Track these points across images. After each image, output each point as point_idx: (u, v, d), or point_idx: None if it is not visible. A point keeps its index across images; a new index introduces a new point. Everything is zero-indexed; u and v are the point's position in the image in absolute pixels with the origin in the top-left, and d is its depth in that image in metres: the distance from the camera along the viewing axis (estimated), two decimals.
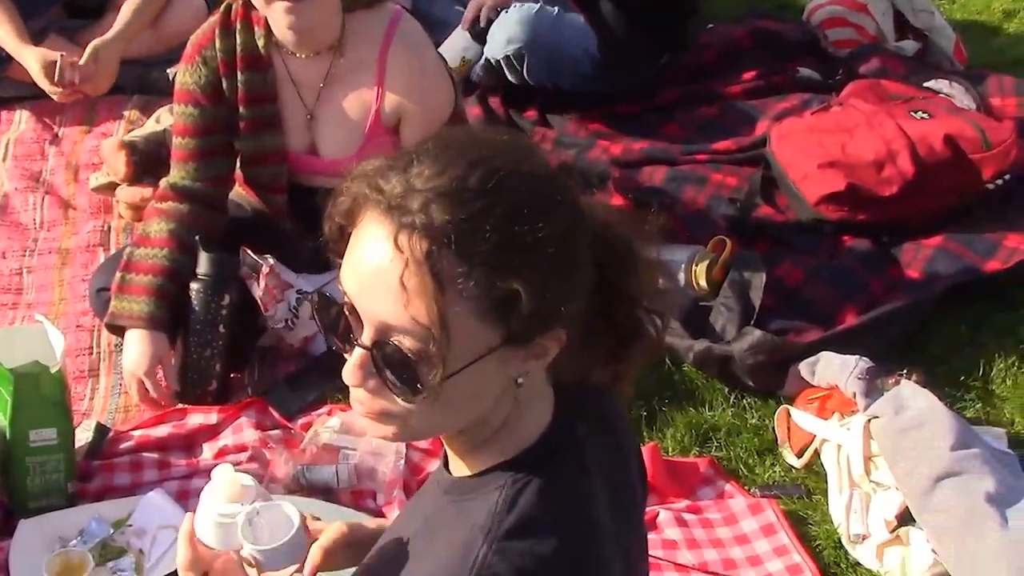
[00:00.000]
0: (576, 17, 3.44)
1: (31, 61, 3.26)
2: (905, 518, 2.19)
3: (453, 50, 3.46)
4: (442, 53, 2.72)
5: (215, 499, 1.32)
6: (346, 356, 1.06)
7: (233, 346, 2.48)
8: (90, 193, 3.21)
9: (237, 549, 1.29)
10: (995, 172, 2.92)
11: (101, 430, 2.41)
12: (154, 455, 2.37)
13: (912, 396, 2.30)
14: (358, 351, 1.04)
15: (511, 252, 1.00)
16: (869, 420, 2.30)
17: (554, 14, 3.41)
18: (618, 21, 3.39)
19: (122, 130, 3.40)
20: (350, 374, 1.05)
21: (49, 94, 3.29)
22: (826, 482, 2.35)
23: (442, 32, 3.50)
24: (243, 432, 2.40)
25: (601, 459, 1.18)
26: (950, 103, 3.17)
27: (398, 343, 1.01)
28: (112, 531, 2.17)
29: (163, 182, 2.57)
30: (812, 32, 3.72)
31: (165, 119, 3.21)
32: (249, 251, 2.53)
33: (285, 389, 2.56)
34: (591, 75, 3.43)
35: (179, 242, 2.47)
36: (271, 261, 2.54)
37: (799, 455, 2.42)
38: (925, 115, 3.01)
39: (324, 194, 1.10)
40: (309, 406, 2.51)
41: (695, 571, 2.18)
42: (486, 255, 0.99)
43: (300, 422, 2.45)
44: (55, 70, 3.22)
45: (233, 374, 2.56)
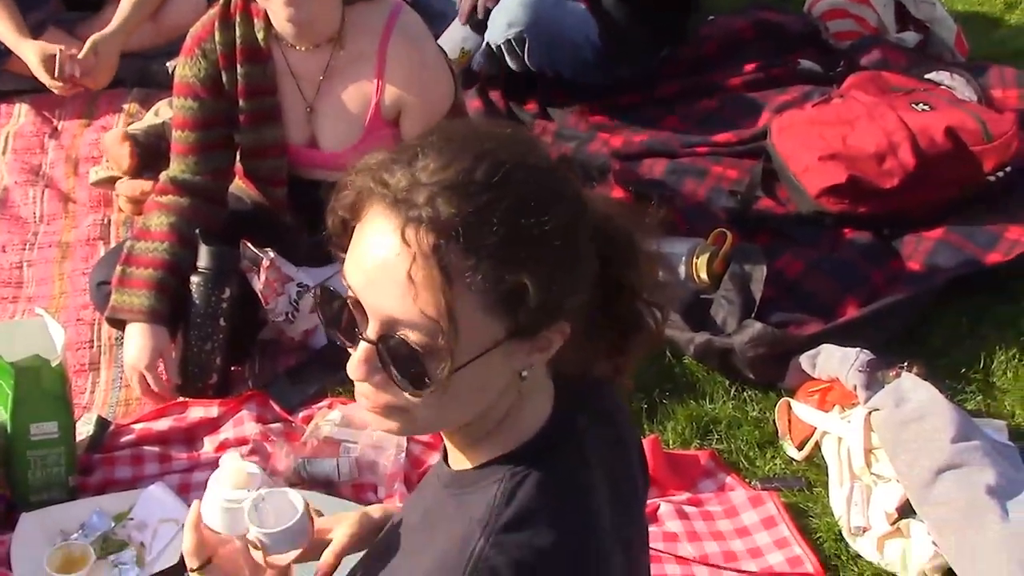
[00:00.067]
0: (578, 4, 3.43)
1: (30, 55, 3.24)
2: (906, 510, 2.19)
3: (452, 41, 3.45)
4: (441, 45, 2.72)
5: (221, 486, 1.33)
6: (349, 351, 1.06)
7: (234, 339, 2.48)
8: (90, 187, 3.20)
9: (243, 534, 1.31)
10: (996, 164, 2.91)
11: (102, 423, 2.41)
12: (155, 448, 2.38)
13: (913, 388, 2.30)
14: (363, 345, 1.04)
15: (518, 245, 1.00)
16: (870, 413, 2.30)
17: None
18: (620, 10, 3.38)
19: (122, 123, 3.39)
20: (355, 369, 1.05)
21: (49, 87, 3.28)
22: (827, 475, 2.35)
23: (441, 24, 3.49)
24: (244, 425, 2.40)
25: (601, 451, 1.18)
26: (951, 95, 3.17)
27: (404, 337, 1.00)
28: (113, 524, 2.17)
29: (163, 176, 2.57)
30: (813, 24, 3.72)
31: (164, 112, 3.20)
32: (249, 244, 2.53)
33: (286, 382, 2.56)
34: (592, 63, 3.42)
35: (179, 235, 2.47)
36: (271, 254, 2.54)
37: (800, 448, 2.42)
38: (926, 107, 3.01)
39: (325, 187, 1.09)
40: (310, 399, 2.51)
41: (696, 563, 2.18)
42: (493, 248, 0.99)
43: (301, 415, 2.45)
44: (54, 64, 3.20)
45: (234, 367, 2.56)
